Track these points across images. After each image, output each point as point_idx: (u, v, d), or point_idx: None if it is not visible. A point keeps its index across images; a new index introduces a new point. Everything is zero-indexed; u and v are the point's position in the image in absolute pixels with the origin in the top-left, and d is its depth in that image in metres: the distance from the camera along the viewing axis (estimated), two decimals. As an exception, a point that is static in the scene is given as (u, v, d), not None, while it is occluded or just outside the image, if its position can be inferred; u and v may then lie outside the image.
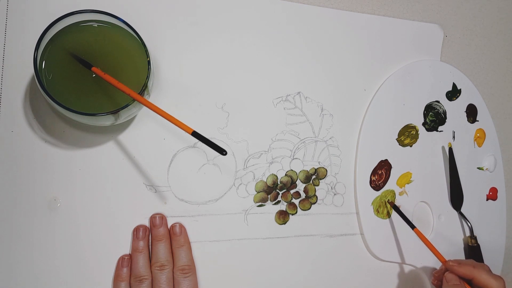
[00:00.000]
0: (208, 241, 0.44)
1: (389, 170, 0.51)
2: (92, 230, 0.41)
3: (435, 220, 0.53)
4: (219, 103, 0.45)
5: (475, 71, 0.58)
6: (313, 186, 0.48)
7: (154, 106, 0.33)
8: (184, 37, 0.44)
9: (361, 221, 0.50)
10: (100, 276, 0.41)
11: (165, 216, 0.43)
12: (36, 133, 0.40)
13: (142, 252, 0.41)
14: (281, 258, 0.47)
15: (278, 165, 0.47)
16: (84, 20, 0.35)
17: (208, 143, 0.32)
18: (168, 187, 0.43)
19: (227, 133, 0.45)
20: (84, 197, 0.41)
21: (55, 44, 0.35)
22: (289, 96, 0.47)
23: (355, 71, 0.50)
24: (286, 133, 0.47)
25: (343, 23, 0.50)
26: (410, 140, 0.53)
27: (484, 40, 0.58)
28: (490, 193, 0.57)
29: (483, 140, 0.57)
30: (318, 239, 0.48)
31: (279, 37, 0.47)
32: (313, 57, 0.48)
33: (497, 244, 0.57)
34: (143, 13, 0.42)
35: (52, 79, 0.34)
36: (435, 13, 0.55)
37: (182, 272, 0.41)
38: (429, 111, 0.53)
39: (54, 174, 0.40)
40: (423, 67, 0.53)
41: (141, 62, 0.36)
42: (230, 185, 0.45)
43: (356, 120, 0.50)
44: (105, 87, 0.36)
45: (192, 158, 0.44)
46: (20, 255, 0.39)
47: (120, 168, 0.42)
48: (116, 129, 0.42)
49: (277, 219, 0.47)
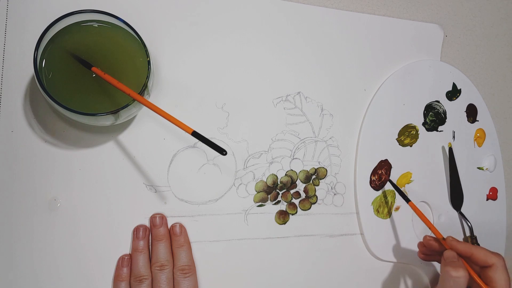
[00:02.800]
0: (208, 241, 0.44)
1: (389, 170, 0.51)
2: (92, 230, 0.41)
3: (435, 220, 0.53)
4: (219, 103, 0.45)
5: (475, 71, 0.58)
6: (313, 186, 0.48)
7: (154, 106, 0.33)
8: (184, 37, 0.44)
9: (361, 221, 0.50)
10: (100, 276, 0.41)
11: (165, 216, 0.43)
12: (36, 133, 0.40)
13: (142, 252, 0.41)
14: (281, 258, 0.47)
15: (278, 165, 0.47)
16: (84, 20, 0.35)
17: (208, 143, 0.32)
18: (168, 187, 0.43)
19: (227, 133, 0.45)
20: (84, 197, 0.41)
21: (55, 44, 0.35)
22: (289, 96, 0.47)
23: (355, 71, 0.50)
24: (286, 133, 0.47)
25: (343, 23, 0.50)
26: (410, 140, 0.53)
27: (484, 40, 0.58)
28: (490, 193, 0.57)
29: (483, 140, 0.57)
30: (318, 239, 0.48)
31: (279, 37, 0.47)
32: (313, 57, 0.48)
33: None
34: (143, 13, 0.42)
35: (52, 79, 0.34)
36: (435, 13, 0.55)
37: (182, 272, 0.41)
38: (429, 111, 0.53)
39: (54, 174, 0.40)
40: (423, 67, 0.53)
41: (141, 62, 0.36)
42: (230, 185, 0.45)
43: (356, 120, 0.50)
44: (105, 87, 0.36)
45: (192, 158, 0.44)
46: (20, 255, 0.39)
47: (120, 168, 0.42)
48: (116, 129, 0.42)
49: (277, 219, 0.47)
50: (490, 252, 0.42)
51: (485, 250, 0.43)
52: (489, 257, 0.42)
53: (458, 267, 0.40)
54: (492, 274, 0.41)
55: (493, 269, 0.41)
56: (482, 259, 0.42)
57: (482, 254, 0.42)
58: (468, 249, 0.43)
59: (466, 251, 0.43)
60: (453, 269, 0.40)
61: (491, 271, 0.41)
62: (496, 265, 0.41)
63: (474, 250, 0.43)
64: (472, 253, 0.43)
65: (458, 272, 0.40)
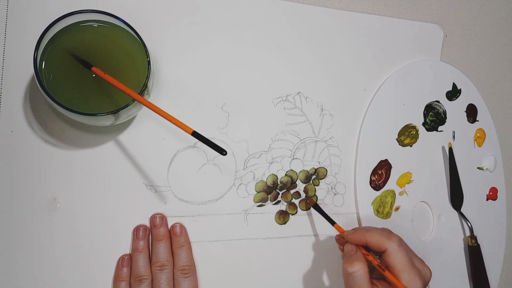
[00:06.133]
0: (208, 241, 0.44)
1: (389, 170, 0.51)
2: (92, 230, 0.41)
3: (435, 220, 0.53)
4: (219, 103, 0.45)
5: (475, 71, 0.58)
6: (313, 186, 0.48)
7: (154, 106, 0.33)
8: (184, 37, 0.44)
9: (361, 221, 0.50)
10: (100, 276, 0.41)
11: (165, 216, 0.43)
12: (36, 133, 0.40)
13: (142, 252, 0.41)
14: (281, 258, 0.47)
15: (278, 165, 0.47)
16: (84, 20, 0.35)
17: (208, 143, 0.32)
18: (168, 187, 0.43)
19: (227, 133, 0.45)
20: (84, 197, 0.41)
21: (55, 44, 0.35)
22: (289, 96, 0.47)
23: (355, 71, 0.50)
24: (286, 133, 0.47)
25: (343, 23, 0.50)
26: (410, 140, 0.53)
27: (484, 40, 0.58)
28: (490, 193, 0.57)
29: (483, 140, 0.57)
30: (318, 239, 0.48)
31: (279, 37, 0.47)
32: (313, 57, 0.48)
33: (497, 244, 0.57)
34: (143, 13, 0.42)
35: (52, 79, 0.34)
36: (435, 13, 0.55)
37: (182, 272, 0.41)
38: (429, 111, 0.53)
39: (54, 174, 0.40)
40: (423, 67, 0.53)
41: (141, 62, 0.36)
42: (230, 185, 0.45)
43: (356, 120, 0.50)
44: (105, 87, 0.36)
45: (192, 158, 0.44)
46: (20, 255, 0.39)
47: (120, 168, 0.42)
48: (116, 129, 0.42)
49: (277, 219, 0.47)
50: (384, 236, 0.40)
51: (379, 235, 0.40)
52: (382, 242, 0.39)
53: (352, 261, 0.39)
54: (387, 259, 0.39)
55: (386, 254, 0.39)
56: (376, 246, 0.40)
57: (375, 240, 0.40)
58: (362, 237, 0.41)
59: (361, 241, 0.41)
60: (348, 265, 0.39)
61: (386, 257, 0.39)
62: (388, 250, 0.39)
63: (368, 237, 0.40)
64: (366, 241, 0.40)
65: (353, 267, 0.38)
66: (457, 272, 0.54)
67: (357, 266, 0.38)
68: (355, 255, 0.40)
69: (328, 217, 0.46)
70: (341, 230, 0.44)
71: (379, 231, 0.41)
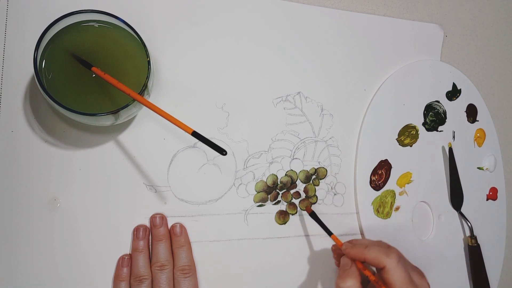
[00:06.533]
0: (208, 241, 0.44)
1: (389, 170, 0.51)
2: (92, 230, 0.41)
3: (435, 220, 0.53)
4: (219, 103, 0.45)
5: (475, 71, 0.58)
6: (313, 186, 0.48)
7: (154, 106, 0.33)
8: (184, 37, 0.44)
9: (361, 221, 0.50)
10: (100, 276, 0.41)
11: (165, 216, 0.43)
12: (36, 133, 0.40)
13: (142, 252, 0.41)
14: (281, 258, 0.47)
15: (278, 165, 0.47)
16: (85, 20, 0.35)
17: (208, 143, 0.32)
18: (168, 187, 0.43)
19: (227, 133, 0.45)
20: (84, 197, 0.41)
21: (55, 44, 0.35)
22: (289, 96, 0.47)
23: (355, 71, 0.50)
24: (286, 133, 0.47)
25: (343, 23, 0.50)
26: (410, 140, 0.53)
27: (484, 40, 0.58)
28: (490, 193, 0.57)
29: (483, 140, 0.57)
30: (318, 239, 0.48)
31: (279, 37, 0.47)
32: (313, 57, 0.48)
33: (497, 244, 0.57)
34: (143, 13, 0.42)
35: (52, 79, 0.34)
36: (435, 13, 0.55)
37: (182, 272, 0.41)
38: (429, 111, 0.53)
39: (54, 174, 0.40)
40: (423, 67, 0.53)
41: (141, 62, 0.36)
42: (230, 185, 0.45)
43: (356, 120, 0.50)
44: (105, 87, 0.36)
45: (192, 158, 0.44)
46: (20, 255, 0.39)
47: (120, 168, 0.42)
48: (116, 129, 0.42)
49: (277, 219, 0.47)
50: (382, 253, 0.39)
51: (377, 251, 0.39)
52: (380, 259, 0.38)
53: (345, 277, 0.39)
54: (386, 276, 0.38)
55: (385, 271, 0.38)
56: (374, 263, 0.39)
57: (373, 257, 0.39)
58: (360, 254, 0.40)
59: (359, 257, 0.40)
60: (341, 280, 0.38)
61: (385, 273, 0.38)
62: (387, 267, 0.38)
63: (367, 253, 0.39)
64: (364, 258, 0.40)
65: (346, 282, 0.38)
66: (457, 272, 0.54)
67: (349, 283, 0.38)
68: (349, 270, 0.39)
69: (325, 227, 0.45)
70: (339, 243, 0.43)
71: (377, 247, 0.40)
